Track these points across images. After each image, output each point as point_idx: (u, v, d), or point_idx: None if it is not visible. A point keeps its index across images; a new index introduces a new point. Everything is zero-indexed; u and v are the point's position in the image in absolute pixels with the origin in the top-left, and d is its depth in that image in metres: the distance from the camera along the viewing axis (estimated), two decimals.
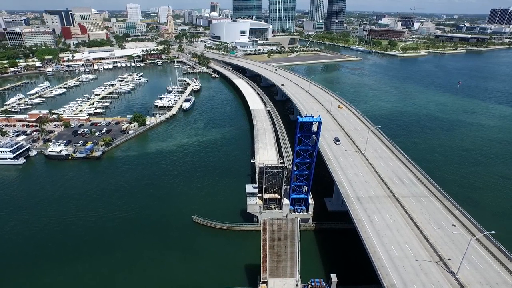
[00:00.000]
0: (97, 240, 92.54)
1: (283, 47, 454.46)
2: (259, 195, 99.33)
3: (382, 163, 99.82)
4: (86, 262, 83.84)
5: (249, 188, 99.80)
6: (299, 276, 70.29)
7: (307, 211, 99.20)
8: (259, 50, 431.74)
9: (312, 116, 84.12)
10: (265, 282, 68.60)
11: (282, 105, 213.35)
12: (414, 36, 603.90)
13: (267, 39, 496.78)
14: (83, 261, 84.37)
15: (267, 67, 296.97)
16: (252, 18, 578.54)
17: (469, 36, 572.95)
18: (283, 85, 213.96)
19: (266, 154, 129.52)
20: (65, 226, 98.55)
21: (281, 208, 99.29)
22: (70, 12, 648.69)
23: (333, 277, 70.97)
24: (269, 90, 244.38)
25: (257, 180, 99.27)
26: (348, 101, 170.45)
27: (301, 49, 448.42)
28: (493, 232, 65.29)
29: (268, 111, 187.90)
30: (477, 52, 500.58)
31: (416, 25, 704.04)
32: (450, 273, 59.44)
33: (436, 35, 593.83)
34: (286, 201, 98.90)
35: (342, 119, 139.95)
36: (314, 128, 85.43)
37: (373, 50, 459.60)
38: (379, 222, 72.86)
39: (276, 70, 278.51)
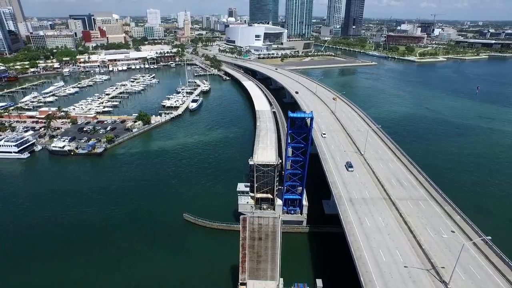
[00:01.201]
0: (87, 234, 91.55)
1: (297, 51, 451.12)
2: (252, 194, 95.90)
3: (381, 165, 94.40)
4: (75, 256, 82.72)
5: (241, 186, 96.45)
6: (280, 279, 66.15)
7: (301, 212, 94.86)
8: (273, 54, 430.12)
9: (304, 112, 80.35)
10: (244, 284, 64.75)
11: (291, 107, 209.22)
12: (434, 42, 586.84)
13: (281, 44, 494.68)
14: (72, 254, 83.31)
15: (283, 71, 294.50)
16: (268, 23, 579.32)
17: (493, 41, 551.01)
18: (297, 92, 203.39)
19: (265, 154, 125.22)
20: (56, 220, 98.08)
21: (274, 209, 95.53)
22: (92, 17, 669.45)
23: (319, 282, 66.68)
24: (279, 92, 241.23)
25: (250, 178, 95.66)
26: (354, 103, 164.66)
27: (315, 53, 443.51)
28: (489, 237, 59.22)
29: (274, 112, 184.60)
30: (501, 58, 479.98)
31: (437, 31, 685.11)
32: (442, 282, 53.89)
33: (457, 41, 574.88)
34: (279, 202, 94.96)
35: (346, 120, 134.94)
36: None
37: (389, 56, 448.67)
38: (370, 225, 67.84)
39: (276, 69, 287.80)
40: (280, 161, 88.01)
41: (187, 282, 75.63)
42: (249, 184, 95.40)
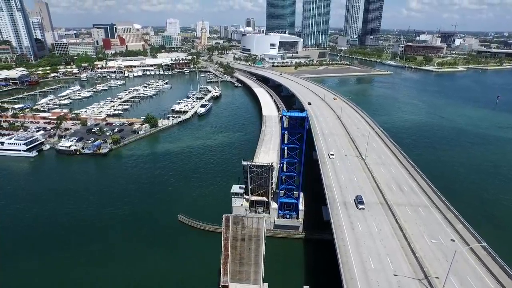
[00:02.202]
0: (84, 233, 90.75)
1: (312, 60, 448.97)
2: (247, 197, 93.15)
3: (382, 169, 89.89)
4: (68, 253, 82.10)
5: (235, 188, 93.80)
6: (265, 284, 62.78)
7: (297, 217, 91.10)
8: (287, 62, 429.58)
9: (298, 111, 77.62)
10: (226, 287, 61.75)
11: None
12: (454, 52, 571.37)
13: (296, 52, 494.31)
14: (65, 251, 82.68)
15: (290, 77, 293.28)
16: (284, 33, 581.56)
17: None
18: (309, 103, 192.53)
19: (265, 158, 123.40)
20: (56, 219, 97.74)
21: (269, 213, 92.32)
22: (114, 27, 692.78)
23: None
24: (289, 99, 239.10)
25: (244, 180, 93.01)
26: (365, 110, 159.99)
27: (330, 62, 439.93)
28: (485, 245, 54.06)
29: (281, 117, 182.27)
30: None
31: (458, 42, 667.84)
32: None
33: (479, 51, 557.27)
34: (274, 205, 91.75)
35: (351, 125, 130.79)
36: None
37: (406, 65, 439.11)
38: (362, 230, 63.70)
39: (281, 74, 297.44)
40: (273, 162, 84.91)
41: (171, 282, 73.32)
42: (243, 186, 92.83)
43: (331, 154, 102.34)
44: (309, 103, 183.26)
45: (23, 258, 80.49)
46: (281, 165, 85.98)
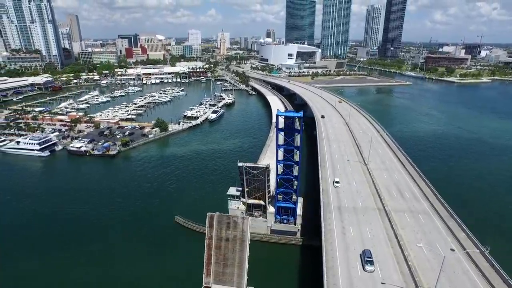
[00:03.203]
0: (80, 231, 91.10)
1: (329, 70, 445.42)
2: (243, 199, 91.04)
3: (385, 175, 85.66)
4: (67, 252, 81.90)
5: (232, 190, 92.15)
6: (250, 287, 60.00)
7: (294, 223, 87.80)
8: (304, 72, 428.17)
9: (294, 111, 75.44)
10: None
11: (311, 121, 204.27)
12: (479, 64, 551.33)
13: (314, 63, 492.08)
14: (64, 250, 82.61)
15: (303, 85, 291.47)
16: (303, 43, 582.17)
17: None
18: (323, 116, 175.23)
19: (269, 163, 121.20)
20: (52, 216, 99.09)
21: (265, 217, 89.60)
22: (138, 37, 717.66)
23: None
24: (302, 107, 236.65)
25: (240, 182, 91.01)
26: (380, 119, 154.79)
27: (347, 72, 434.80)
28: (485, 250, 49.16)
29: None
30: None
31: (483, 53, 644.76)
32: None
33: (506, 62, 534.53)
34: (271, 209, 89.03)
35: (358, 132, 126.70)
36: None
37: (426, 76, 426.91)
38: (353, 235, 60.02)
39: (289, 81, 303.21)
40: (268, 164, 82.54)
41: (162, 281, 71.71)
42: (240, 188, 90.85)
43: (336, 182, 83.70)
44: (323, 116, 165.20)
45: (22, 257, 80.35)
46: (277, 167, 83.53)
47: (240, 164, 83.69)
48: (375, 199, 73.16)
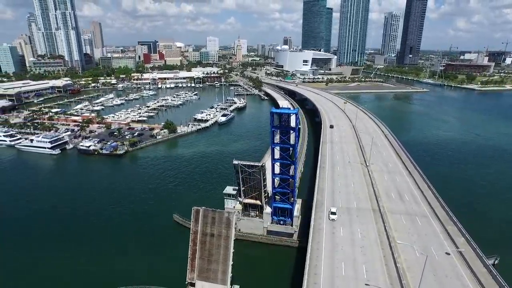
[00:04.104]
0: (77, 229, 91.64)
1: (344, 76, 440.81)
2: (240, 199, 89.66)
3: (386, 177, 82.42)
4: (63, 246, 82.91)
5: (228, 189, 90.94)
6: (236, 286, 58.38)
7: (291, 224, 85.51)
8: (318, 78, 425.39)
9: (289, 108, 73.99)
10: (193, 284, 58.22)
11: (319, 125, 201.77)
12: (504, 71, 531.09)
13: (329, 69, 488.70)
14: (60, 245, 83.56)
15: (314, 90, 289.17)
16: (320, 50, 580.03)
17: None
18: (331, 126, 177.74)
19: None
20: (51, 212, 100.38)
21: (262, 217, 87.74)
22: (157, 43, 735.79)
23: None
24: (312, 112, 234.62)
25: (236, 181, 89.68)
26: (392, 125, 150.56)
27: (362, 79, 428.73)
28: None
29: (299, 128, 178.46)
30: None
31: (508, 60, 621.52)
32: None
33: None
34: (268, 209, 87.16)
35: (364, 134, 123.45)
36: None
37: (445, 83, 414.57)
38: (343, 235, 57.54)
39: (296, 85, 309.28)
40: (264, 163, 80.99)
41: (153, 277, 70.79)
42: (237, 188, 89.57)
43: (332, 213, 68.28)
44: (331, 126, 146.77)
45: (21, 251, 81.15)
46: (274, 166, 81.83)
47: (235, 162, 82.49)
48: (372, 200, 70.26)
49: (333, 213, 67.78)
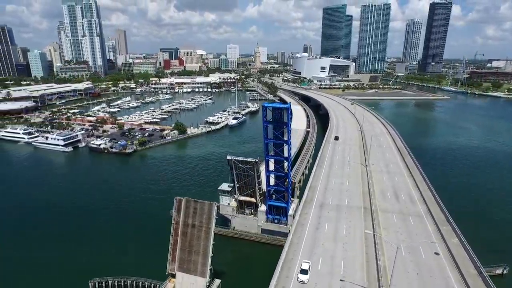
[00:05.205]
0: (77, 223, 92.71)
1: (362, 83, 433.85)
2: (235, 196, 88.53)
3: (384, 177, 79.17)
4: (60, 237, 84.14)
5: (223, 186, 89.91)
6: (218, 280, 57.12)
7: (286, 223, 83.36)
8: (335, 84, 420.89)
9: (281, 102, 72.70)
10: (174, 275, 57.43)
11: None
12: None
13: (347, 76, 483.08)
14: (55, 235, 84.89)
15: (331, 96, 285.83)
16: (339, 58, 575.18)
17: None
18: (336, 138, 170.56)
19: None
20: (50, 206, 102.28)
21: (256, 215, 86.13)
22: (178, 50, 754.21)
23: None
24: (325, 117, 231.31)
25: (231, 178, 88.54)
26: (407, 131, 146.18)
27: (381, 86, 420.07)
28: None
29: (308, 131, 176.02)
30: None
31: None
32: None
33: None
34: (263, 207, 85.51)
35: (370, 137, 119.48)
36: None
37: (469, 91, 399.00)
38: (327, 231, 55.29)
39: (306, 89, 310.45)
40: (257, 159, 79.56)
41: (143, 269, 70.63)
42: (232, 184, 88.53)
43: (303, 272, 47.18)
44: (336, 138, 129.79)
45: (18, 245, 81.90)
46: (268, 163, 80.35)
47: (229, 157, 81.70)
48: (364, 198, 67.44)
49: (304, 272, 46.90)
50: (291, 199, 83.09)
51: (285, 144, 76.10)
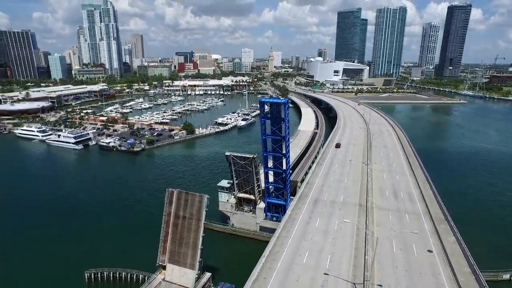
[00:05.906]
0: (72, 216, 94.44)
1: (376, 87, 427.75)
2: (234, 193, 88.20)
3: (385, 176, 77.22)
4: (60, 231, 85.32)
5: (223, 182, 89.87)
6: (208, 273, 56.80)
7: None
8: (348, 88, 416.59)
9: (279, 98, 72.21)
10: (164, 267, 57.46)
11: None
12: None
13: (361, 80, 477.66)
14: (53, 229, 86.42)
15: (342, 99, 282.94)
16: (353, 62, 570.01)
17: None
18: (337, 145, 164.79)
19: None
20: (53, 199, 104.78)
21: (255, 213, 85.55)
22: (193, 54, 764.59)
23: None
24: (335, 119, 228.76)
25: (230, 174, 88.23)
26: (419, 134, 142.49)
27: (395, 89, 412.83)
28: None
29: (315, 133, 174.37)
30: None
31: None
32: None
33: None
34: (261, 205, 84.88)
35: (376, 137, 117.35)
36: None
37: (487, 95, 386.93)
38: (317, 226, 54.11)
39: (314, 92, 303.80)
40: (255, 155, 79.00)
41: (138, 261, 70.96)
42: (232, 181, 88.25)
43: None
44: (337, 145, 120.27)
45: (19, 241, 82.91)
46: (266, 159, 79.79)
47: (227, 153, 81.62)
48: (361, 196, 65.86)
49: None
50: (291, 197, 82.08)
51: (282, 140, 75.60)
